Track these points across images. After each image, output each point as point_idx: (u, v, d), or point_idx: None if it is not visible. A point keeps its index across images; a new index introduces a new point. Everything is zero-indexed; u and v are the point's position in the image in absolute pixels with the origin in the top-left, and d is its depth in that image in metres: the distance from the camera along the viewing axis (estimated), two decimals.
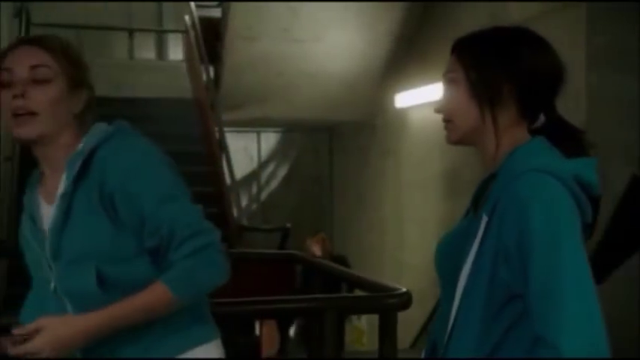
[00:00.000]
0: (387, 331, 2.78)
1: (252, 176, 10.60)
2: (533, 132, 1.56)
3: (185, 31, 8.86)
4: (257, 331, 6.08)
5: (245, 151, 10.44)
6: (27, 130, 1.71)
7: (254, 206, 10.54)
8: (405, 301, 2.68)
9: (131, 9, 10.17)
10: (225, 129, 8.46)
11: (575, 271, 1.38)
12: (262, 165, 10.62)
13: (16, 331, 1.62)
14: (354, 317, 7.19)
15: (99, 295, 1.68)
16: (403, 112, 8.32)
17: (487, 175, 1.57)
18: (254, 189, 10.62)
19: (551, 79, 1.55)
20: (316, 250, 7.28)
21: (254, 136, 10.45)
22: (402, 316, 2.69)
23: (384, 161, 9.10)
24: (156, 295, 1.68)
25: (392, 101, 8.49)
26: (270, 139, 10.61)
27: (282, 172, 10.68)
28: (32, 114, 1.71)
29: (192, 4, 8.73)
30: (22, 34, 8.36)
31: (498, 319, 1.44)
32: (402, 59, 8.20)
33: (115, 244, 1.70)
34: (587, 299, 1.36)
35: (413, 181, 8.34)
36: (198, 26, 8.52)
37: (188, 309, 1.77)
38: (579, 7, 5.91)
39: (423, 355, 1.68)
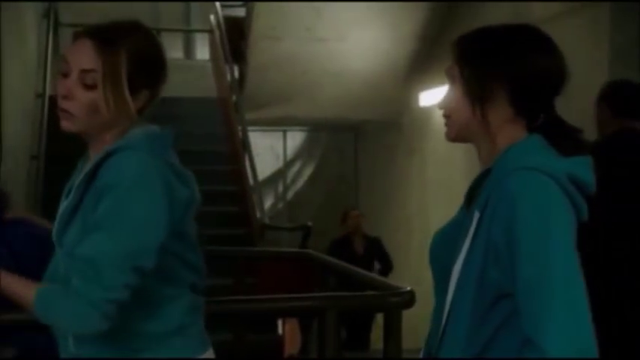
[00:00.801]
0: (391, 330, 2.77)
1: (278, 175, 10.64)
2: (532, 130, 1.54)
3: (210, 31, 8.92)
4: (280, 330, 6.11)
5: (271, 150, 10.48)
6: (66, 125, 1.75)
7: (280, 205, 10.58)
8: (407, 300, 2.65)
9: (158, 9, 10.26)
10: (251, 128, 8.49)
11: (563, 271, 1.36)
12: (288, 164, 10.66)
13: None
14: (379, 316, 7.20)
15: None
16: (427, 110, 8.29)
17: (482, 171, 1.56)
18: (280, 188, 10.66)
19: (546, 80, 1.52)
20: (351, 224, 7.50)
21: (280, 135, 10.48)
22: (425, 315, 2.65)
23: (409, 160, 9.08)
24: (26, 294, 1.71)
25: (416, 100, 8.47)
26: (296, 138, 10.64)
27: (308, 170, 10.71)
28: (71, 114, 1.74)
29: (218, 3, 8.78)
30: (50, 34, 8.47)
31: (489, 317, 1.44)
32: (426, 58, 8.17)
33: None
34: (575, 300, 1.35)
35: (438, 180, 8.32)
36: (222, 26, 8.57)
37: (174, 321, 1.78)
38: (602, 5, 5.85)
39: (421, 355, 1.67)
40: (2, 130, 5.21)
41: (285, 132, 10.43)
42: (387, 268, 7.47)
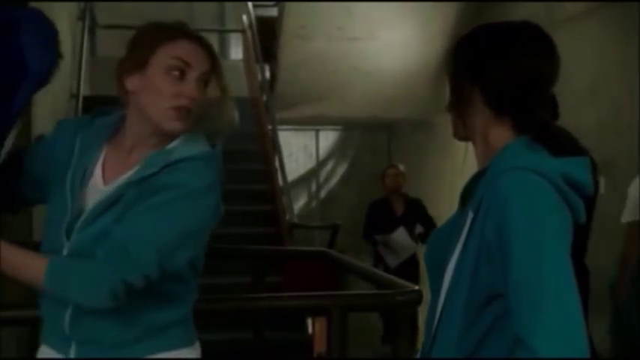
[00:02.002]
0: (401, 329, 2.78)
1: (312, 174, 10.67)
2: (524, 131, 1.54)
3: (242, 31, 8.98)
4: (309, 329, 6.13)
5: (305, 150, 10.52)
6: (181, 126, 1.79)
7: (313, 204, 10.61)
8: (413, 299, 2.66)
9: (193, 9, 10.36)
10: (285, 127, 8.52)
11: (554, 271, 1.36)
12: (321, 163, 10.68)
13: None
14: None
15: None
16: None
17: (477, 171, 1.57)
18: (313, 186, 10.68)
19: (524, 82, 1.51)
20: (389, 182, 7.15)
21: (313, 134, 10.51)
22: None
23: (441, 159, 9.04)
24: (33, 264, 1.72)
25: (448, 98, 8.41)
26: (329, 138, 10.66)
27: (341, 169, 10.71)
28: (188, 112, 1.79)
29: (250, 4, 8.84)
30: (87, 36, 8.60)
31: (480, 317, 1.44)
32: None
33: None
34: (566, 300, 1.35)
35: None
36: (254, 26, 8.62)
37: (178, 316, 1.85)
38: (631, 1, 5.77)
39: (418, 355, 1.67)
40: (33, 130, 5.30)
41: (317, 131, 10.45)
42: (429, 230, 6.82)
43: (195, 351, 1.92)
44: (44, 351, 1.90)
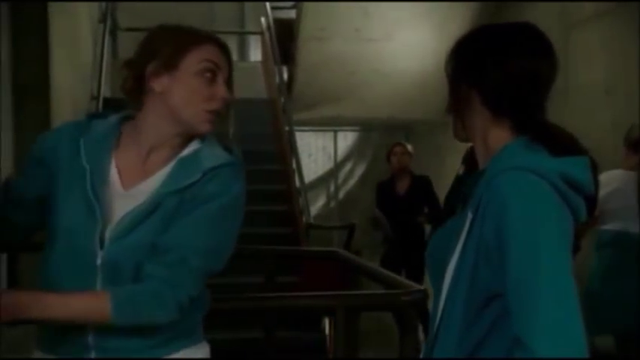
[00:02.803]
0: (406, 329, 2.78)
1: (330, 174, 10.71)
2: (522, 132, 1.54)
3: (261, 33, 9.04)
4: (327, 330, 6.16)
5: (324, 150, 10.56)
6: (212, 127, 1.82)
7: (332, 204, 10.64)
8: (417, 299, 2.67)
9: (214, 11, 10.44)
10: (303, 128, 8.54)
11: (552, 270, 1.36)
12: (340, 164, 10.71)
13: None
14: None
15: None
16: None
17: (477, 172, 1.56)
18: (332, 187, 10.72)
19: (523, 83, 1.51)
20: (394, 161, 6.81)
21: (332, 135, 10.55)
22: None
23: (459, 159, 9.00)
24: (96, 307, 1.68)
25: None
26: (347, 139, 10.69)
27: (360, 170, 10.74)
28: (219, 114, 1.83)
29: (268, 6, 8.90)
30: (109, 38, 8.69)
31: (480, 317, 1.44)
32: None
33: None
34: (563, 299, 1.34)
35: None
36: (272, 27, 8.68)
37: (197, 313, 1.87)
38: None
39: (421, 355, 1.66)
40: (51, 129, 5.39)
41: (335, 132, 10.49)
42: (434, 211, 6.59)
43: (204, 349, 1.94)
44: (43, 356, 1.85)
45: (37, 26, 5.28)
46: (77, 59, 7.03)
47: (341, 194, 10.70)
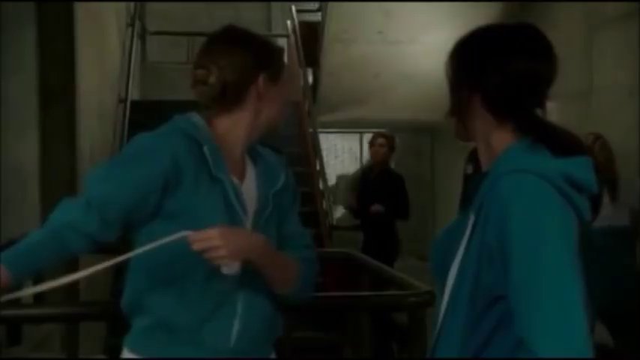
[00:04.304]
0: (415, 330, 2.80)
1: None
2: (524, 133, 1.53)
3: (286, 36, 9.10)
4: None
5: (350, 152, 10.59)
6: None
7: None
8: (425, 300, 2.66)
9: (240, 15, 10.52)
10: (330, 130, 8.56)
11: (554, 271, 1.35)
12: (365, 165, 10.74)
13: (191, 236, 1.69)
14: None
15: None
16: None
17: (480, 174, 1.55)
18: None
19: (523, 84, 1.51)
20: (371, 152, 6.79)
21: (358, 137, 10.58)
22: None
23: None
24: (293, 267, 1.94)
25: None
26: None
27: None
28: None
29: (294, 9, 8.96)
30: (138, 42, 8.80)
31: (484, 319, 1.44)
32: None
33: None
34: (567, 301, 1.33)
35: None
36: (298, 30, 8.73)
37: None
38: None
39: (427, 355, 1.65)
40: (77, 131, 5.47)
41: (361, 134, 10.51)
42: (398, 207, 6.66)
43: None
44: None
45: (63, 28, 5.36)
46: (104, 62, 7.13)
47: None
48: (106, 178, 1.80)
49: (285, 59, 8.00)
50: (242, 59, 1.88)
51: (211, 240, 1.68)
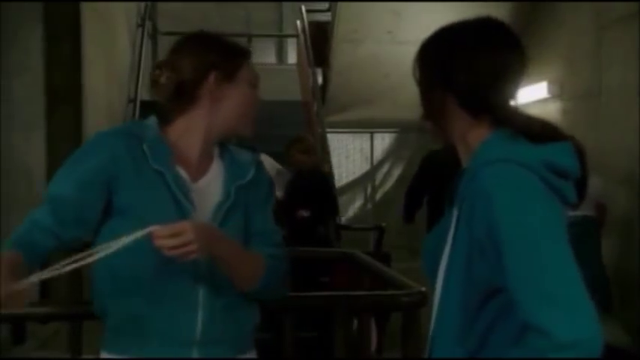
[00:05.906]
0: (408, 330, 2.79)
1: (367, 176, 10.72)
2: (499, 124, 1.52)
3: (296, 36, 9.10)
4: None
5: (361, 152, 10.58)
6: (253, 130, 1.99)
7: (368, 205, 10.65)
8: (417, 300, 2.64)
9: (251, 16, 10.55)
10: (339, 130, 8.54)
11: (553, 255, 1.34)
12: (377, 165, 10.72)
13: (158, 231, 1.65)
14: None
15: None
16: None
17: (460, 172, 1.55)
18: (369, 189, 10.73)
19: (492, 77, 1.50)
20: (301, 157, 5.84)
21: (368, 136, 10.56)
22: None
23: None
24: (256, 263, 1.89)
25: None
26: (384, 140, 10.69)
27: (397, 172, 10.72)
28: None
29: (304, 9, 8.96)
30: (148, 42, 8.84)
31: (483, 311, 1.43)
32: None
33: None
34: (571, 281, 1.33)
35: None
36: (307, 30, 8.73)
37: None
38: None
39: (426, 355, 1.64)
40: (83, 131, 5.51)
41: (372, 134, 10.49)
42: (327, 207, 6.22)
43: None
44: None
45: (69, 28, 5.39)
46: (113, 62, 7.16)
47: (378, 195, 10.70)
48: (59, 175, 1.87)
49: (294, 59, 7.90)
50: (192, 59, 1.91)
51: (184, 235, 1.67)
